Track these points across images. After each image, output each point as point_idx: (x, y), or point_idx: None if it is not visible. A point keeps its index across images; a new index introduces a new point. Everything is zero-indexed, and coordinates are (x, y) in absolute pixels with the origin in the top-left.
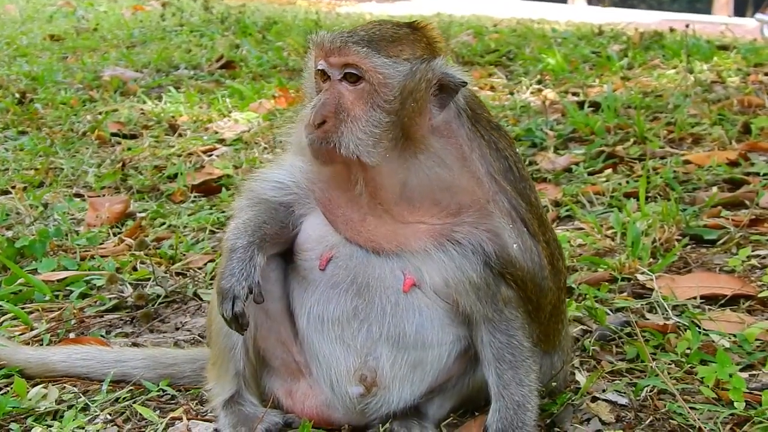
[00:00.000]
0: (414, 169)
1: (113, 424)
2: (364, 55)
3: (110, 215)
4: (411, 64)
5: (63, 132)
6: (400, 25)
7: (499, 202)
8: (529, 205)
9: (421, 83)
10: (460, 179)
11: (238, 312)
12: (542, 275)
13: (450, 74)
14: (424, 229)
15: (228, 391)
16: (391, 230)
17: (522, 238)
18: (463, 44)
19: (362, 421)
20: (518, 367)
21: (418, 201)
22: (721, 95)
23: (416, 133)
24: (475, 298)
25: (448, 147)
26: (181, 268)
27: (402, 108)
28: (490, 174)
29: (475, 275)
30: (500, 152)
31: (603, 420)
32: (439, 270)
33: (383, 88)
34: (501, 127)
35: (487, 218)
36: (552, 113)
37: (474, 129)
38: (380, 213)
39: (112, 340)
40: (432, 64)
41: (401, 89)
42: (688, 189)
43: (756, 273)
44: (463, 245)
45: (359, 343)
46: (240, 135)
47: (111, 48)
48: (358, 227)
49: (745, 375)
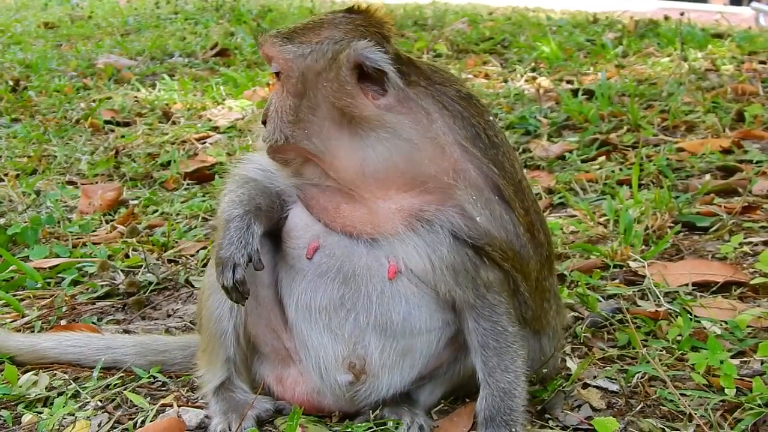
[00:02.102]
0: (370, 145)
1: (103, 410)
2: (274, 46)
3: (103, 202)
4: (313, 47)
5: (56, 119)
6: (335, 12)
7: (465, 171)
8: (503, 171)
9: (332, 65)
10: (423, 150)
11: (239, 279)
12: (520, 243)
13: (367, 57)
14: (395, 209)
15: (219, 378)
16: (365, 213)
17: (491, 207)
18: (458, 32)
19: (352, 408)
20: (503, 354)
21: (383, 175)
22: (715, 83)
23: (361, 113)
24: (453, 282)
25: (406, 121)
26: (173, 256)
27: (314, 91)
28: (458, 142)
29: (449, 253)
30: (467, 120)
31: (594, 406)
32: (414, 253)
33: (288, 72)
34: (472, 97)
35: (451, 191)
36: (546, 101)
37: (437, 101)
38: (352, 197)
39: (103, 327)
40: (351, 45)
41: (304, 71)
42: (682, 176)
43: (748, 260)
44: (432, 223)
45: (347, 331)
46: (234, 122)
47: (105, 35)
48: (333, 215)
49: (736, 362)
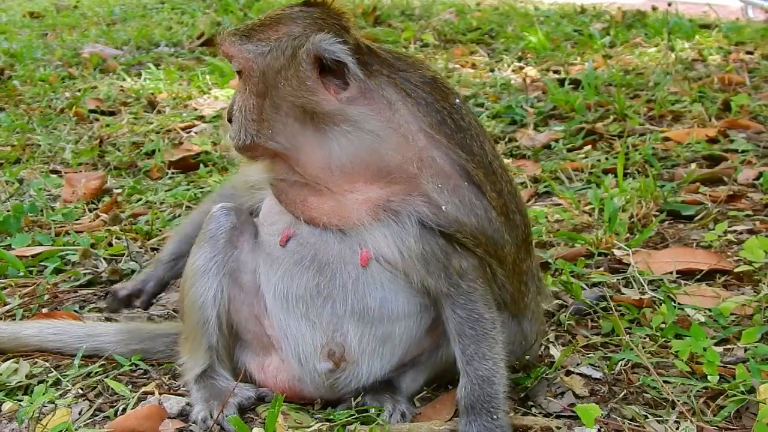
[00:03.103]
0: (335, 139)
1: (84, 398)
2: (233, 45)
3: (86, 191)
4: (272, 45)
5: (41, 108)
6: (292, 6)
7: (431, 159)
8: (471, 155)
9: (292, 61)
10: (387, 141)
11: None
12: (493, 227)
13: (326, 50)
14: (362, 200)
15: (201, 366)
16: (333, 206)
17: (460, 194)
18: (446, 22)
19: (333, 395)
20: (481, 341)
21: (350, 168)
22: (702, 73)
23: (323, 108)
24: (425, 271)
25: (369, 113)
26: (156, 244)
27: (276, 89)
28: (422, 130)
29: (417, 243)
30: (431, 106)
31: (577, 393)
32: (383, 244)
33: (249, 71)
34: (436, 81)
35: (417, 181)
36: (533, 91)
37: (399, 89)
38: (319, 190)
39: (85, 315)
40: (310, 39)
41: (264, 70)
42: (667, 165)
43: (732, 248)
44: (399, 214)
45: (325, 320)
46: (219, 112)
47: (91, 25)
48: (301, 207)
49: (719, 349)
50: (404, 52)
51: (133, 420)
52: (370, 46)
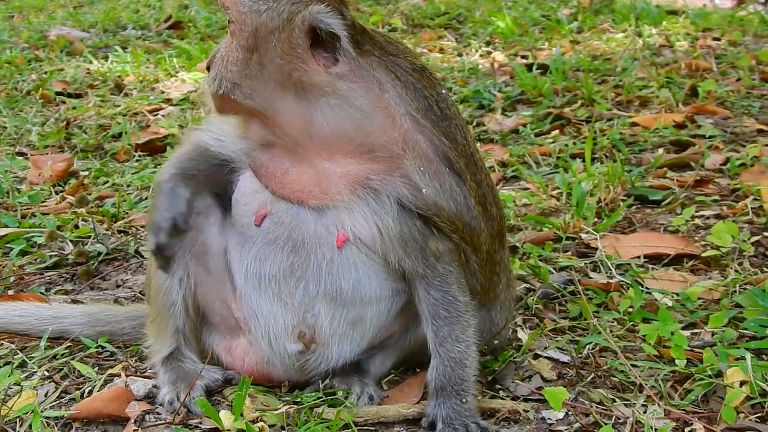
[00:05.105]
0: (319, 108)
1: (50, 380)
2: None
3: (53, 173)
4: (270, 5)
5: (7, 91)
6: None
7: (415, 142)
8: (454, 143)
9: (286, 25)
10: (373, 119)
11: (161, 243)
12: (470, 215)
13: (322, 21)
14: (341, 173)
15: (167, 348)
16: (312, 176)
17: (440, 179)
18: (414, 6)
19: (302, 377)
20: (454, 323)
21: (331, 139)
22: (669, 59)
23: (311, 78)
24: (402, 252)
25: (358, 90)
26: (123, 226)
27: (265, 48)
28: (409, 113)
29: (396, 223)
30: (419, 92)
31: (544, 377)
32: (362, 221)
33: (241, 25)
34: (425, 69)
35: (400, 162)
36: (500, 75)
37: (389, 72)
38: (299, 160)
39: (51, 297)
40: (309, 8)
41: (257, 27)
42: (635, 151)
43: (700, 233)
44: (379, 193)
45: (297, 300)
46: (187, 95)
47: (58, 8)
48: (281, 181)
49: (687, 333)
50: (395, 38)
51: (100, 402)
52: (364, 27)
